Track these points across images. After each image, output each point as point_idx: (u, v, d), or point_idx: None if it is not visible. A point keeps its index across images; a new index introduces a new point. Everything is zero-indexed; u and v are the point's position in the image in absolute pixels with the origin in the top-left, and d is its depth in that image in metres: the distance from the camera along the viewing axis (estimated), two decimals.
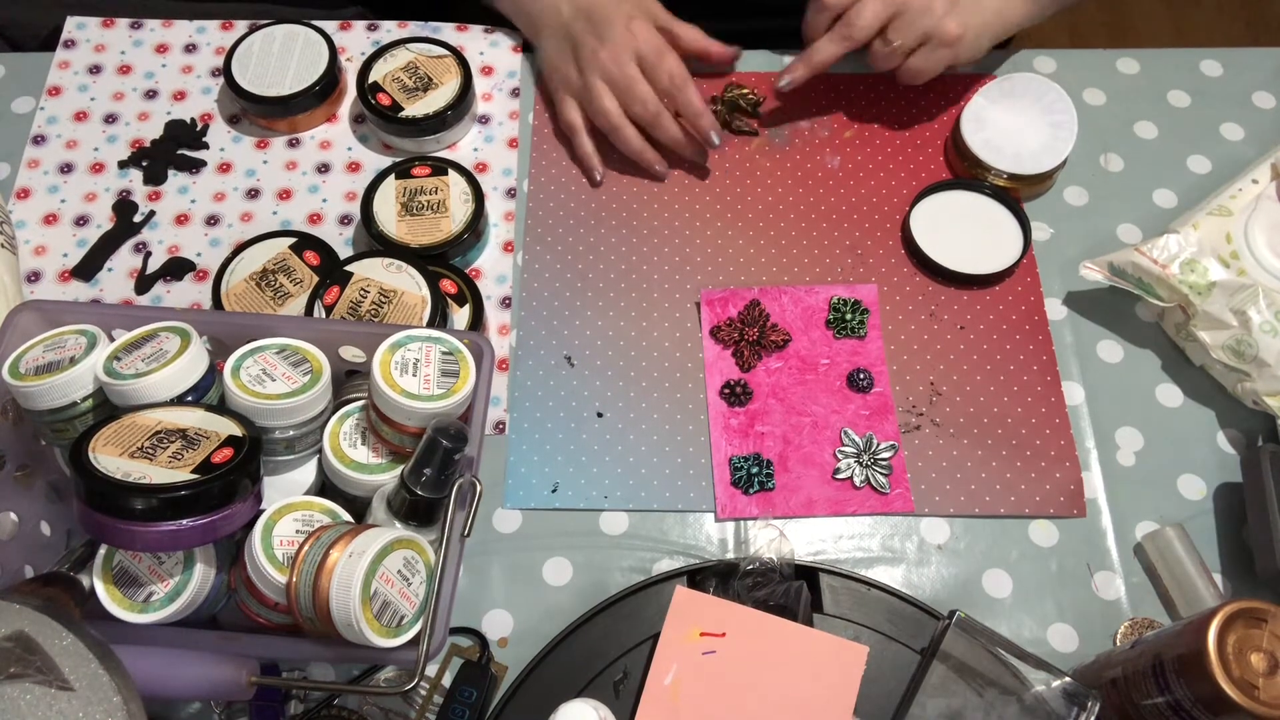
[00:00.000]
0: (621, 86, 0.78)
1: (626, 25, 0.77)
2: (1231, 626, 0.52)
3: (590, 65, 0.78)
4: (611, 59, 0.77)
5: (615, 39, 0.77)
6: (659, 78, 0.77)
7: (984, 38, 0.78)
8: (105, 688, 0.41)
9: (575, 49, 0.79)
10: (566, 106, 0.81)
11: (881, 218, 0.80)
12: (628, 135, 0.79)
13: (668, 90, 0.77)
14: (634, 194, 0.81)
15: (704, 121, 0.78)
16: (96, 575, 0.55)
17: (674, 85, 0.77)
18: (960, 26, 0.75)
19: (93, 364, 0.58)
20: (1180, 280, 0.70)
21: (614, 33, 0.77)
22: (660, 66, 0.77)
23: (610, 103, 0.79)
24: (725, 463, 0.71)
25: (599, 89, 0.78)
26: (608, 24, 0.78)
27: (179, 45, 0.88)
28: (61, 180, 0.81)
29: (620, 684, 0.63)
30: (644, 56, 0.77)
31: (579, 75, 0.79)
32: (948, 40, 0.75)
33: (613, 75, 0.78)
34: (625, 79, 0.78)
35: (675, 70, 0.77)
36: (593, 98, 0.79)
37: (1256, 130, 0.84)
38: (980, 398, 0.73)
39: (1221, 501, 0.70)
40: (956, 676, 0.60)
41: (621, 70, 0.77)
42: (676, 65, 0.77)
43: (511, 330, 0.76)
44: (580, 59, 0.79)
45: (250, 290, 0.73)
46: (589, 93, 0.79)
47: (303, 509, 0.58)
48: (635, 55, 0.77)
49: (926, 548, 0.68)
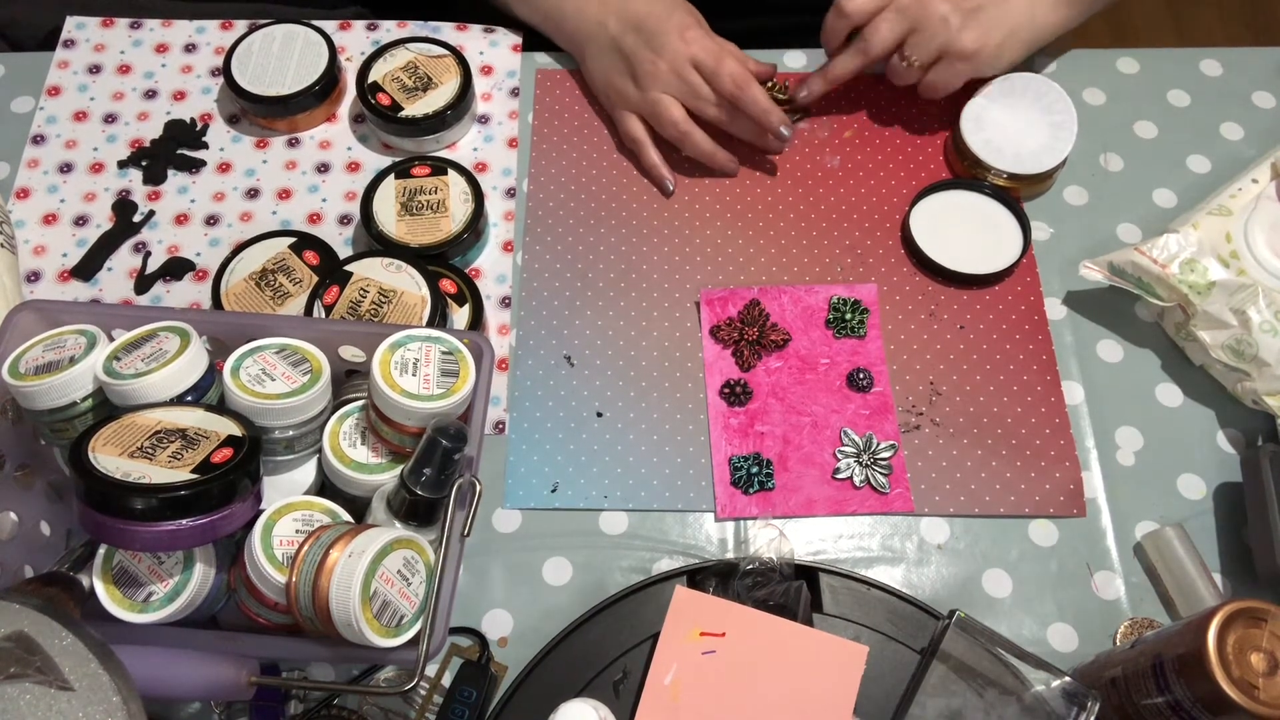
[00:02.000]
0: (687, 95, 0.78)
1: (680, 35, 0.77)
2: (1231, 626, 0.52)
3: (650, 79, 0.78)
4: (672, 71, 0.77)
5: (672, 50, 0.77)
6: (722, 83, 0.77)
7: (1010, 48, 0.78)
8: (105, 688, 0.41)
9: (631, 64, 0.79)
10: (629, 121, 0.81)
11: (881, 218, 0.80)
12: (698, 140, 0.79)
13: (731, 94, 0.77)
14: (634, 194, 0.81)
15: (773, 118, 0.77)
16: (96, 575, 0.55)
17: (737, 87, 0.76)
18: (977, 41, 0.75)
19: (92, 364, 0.58)
20: (1180, 280, 0.70)
21: (669, 44, 0.77)
22: (721, 71, 0.76)
23: (679, 112, 0.78)
24: (725, 462, 0.71)
25: (664, 102, 0.78)
26: (661, 35, 0.77)
27: (179, 45, 0.88)
28: (61, 180, 0.81)
29: (620, 684, 0.63)
30: (702, 63, 0.77)
31: (638, 91, 0.79)
32: (964, 56, 0.76)
33: (675, 86, 0.78)
34: (690, 87, 0.77)
35: (736, 72, 0.77)
36: (659, 111, 0.78)
37: (1256, 130, 0.84)
38: (980, 397, 0.73)
39: (1221, 501, 0.70)
40: (956, 676, 0.60)
41: (684, 80, 0.77)
42: (736, 66, 0.77)
43: (511, 330, 0.76)
44: (638, 73, 0.78)
45: (250, 290, 0.73)
46: (654, 107, 0.79)
47: (303, 509, 0.58)
48: (694, 63, 0.77)
49: (926, 547, 0.68)
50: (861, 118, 0.85)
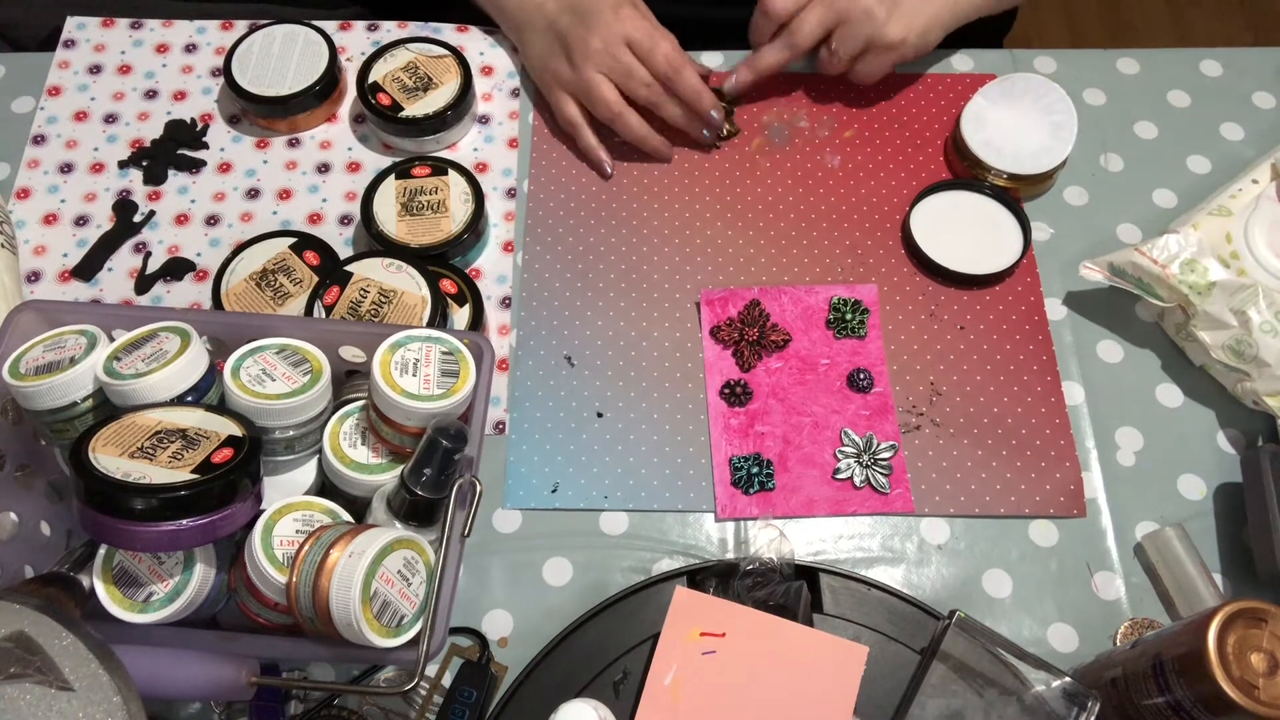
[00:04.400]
0: (619, 74, 0.77)
1: (615, 12, 0.77)
2: (1231, 626, 0.52)
3: (583, 57, 0.78)
4: (604, 48, 0.77)
5: (605, 26, 0.77)
6: (655, 62, 0.77)
7: (932, 32, 0.79)
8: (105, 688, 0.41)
9: (565, 43, 0.79)
10: (564, 103, 0.81)
11: (881, 218, 0.80)
12: (630, 122, 0.79)
13: (664, 74, 0.77)
14: (634, 194, 0.81)
15: (704, 101, 0.78)
16: (96, 575, 0.55)
17: (670, 68, 0.77)
18: (902, 30, 0.76)
19: (93, 364, 0.58)
20: (1180, 280, 0.70)
21: (603, 21, 0.77)
22: (655, 50, 0.77)
23: (610, 92, 0.78)
24: (725, 463, 0.71)
25: (596, 80, 0.78)
26: (595, 14, 0.77)
27: (179, 45, 0.88)
28: (61, 180, 0.81)
29: (620, 684, 0.63)
30: (637, 42, 0.77)
31: (572, 70, 0.79)
32: (891, 46, 0.77)
33: (608, 64, 0.77)
34: (622, 65, 0.77)
35: (670, 53, 0.77)
36: (590, 89, 0.78)
37: (1256, 130, 0.84)
38: (980, 398, 0.73)
39: (1221, 501, 0.70)
40: (956, 676, 0.60)
41: (616, 58, 0.77)
42: (670, 48, 0.77)
43: (511, 330, 0.76)
44: (571, 52, 0.78)
45: (250, 290, 0.73)
46: (586, 85, 0.78)
47: (303, 509, 0.58)
48: (627, 41, 0.77)
49: (926, 548, 0.69)
50: (861, 118, 0.85)
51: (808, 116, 0.85)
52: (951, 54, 0.88)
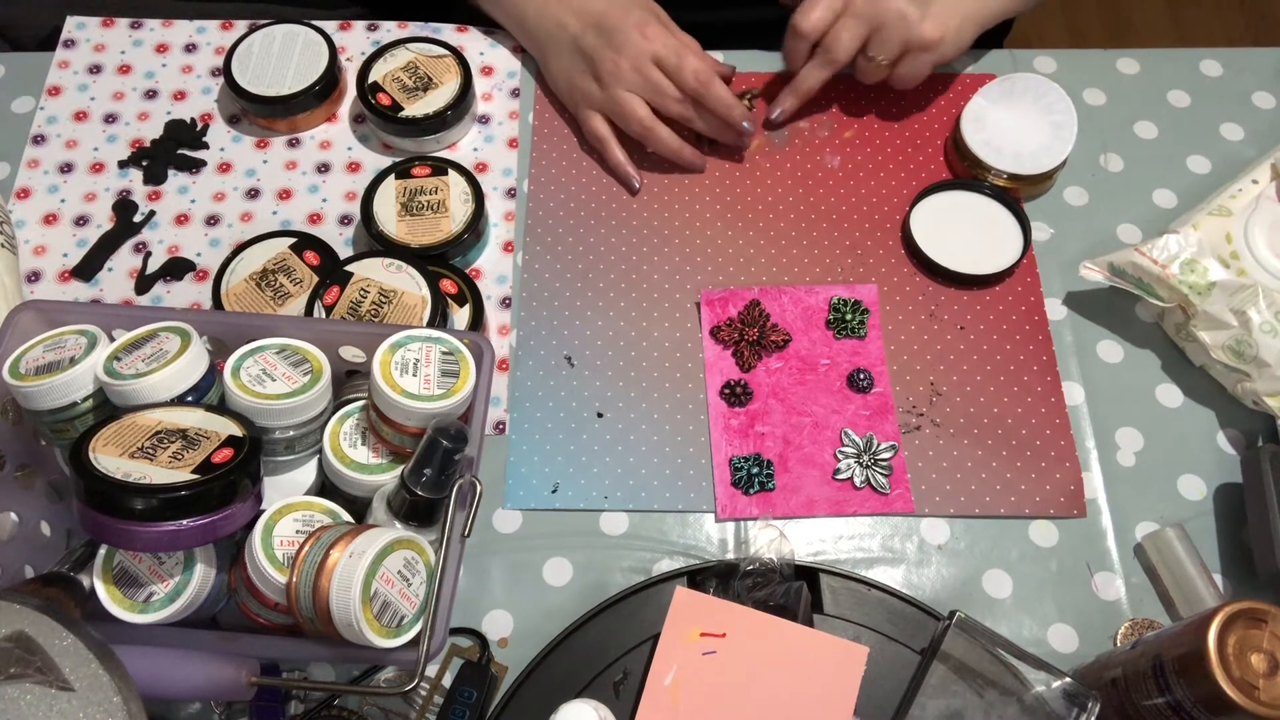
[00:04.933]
0: (649, 91, 0.78)
1: (640, 31, 0.77)
2: (1231, 627, 0.52)
3: (613, 78, 0.78)
4: (633, 68, 0.77)
5: (633, 47, 0.77)
6: (684, 79, 0.77)
7: (967, 29, 0.78)
8: (105, 688, 0.41)
9: (592, 63, 0.79)
10: (592, 119, 0.81)
11: (881, 218, 0.80)
12: (662, 136, 0.79)
13: (694, 90, 0.77)
14: (634, 194, 0.81)
15: (736, 113, 0.78)
16: (96, 575, 0.55)
17: (700, 84, 0.77)
18: (938, 29, 0.76)
19: (93, 364, 0.58)
20: (1180, 280, 0.70)
21: (630, 41, 0.77)
22: (684, 67, 0.77)
23: (642, 108, 0.78)
24: (725, 463, 0.71)
25: (626, 98, 0.78)
26: (621, 33, 0.77)
27: (179, 45, 0.88)
28: (61, 180, 0.81)
29: (620, 684, 0.63)
30: (664, 59, 0.77)
31: (601, 89, 0.79)
32: (927, 45, 0.76)
33: (637, 83, 0.77)
34: (652, 84, 0.77)
35: (699, 68, 0.77)
36: (622, 107, 0.78)
37: (1256, 130, 0.84)
38: (980, 398, 0.73)
39: (1221, 502, 0.70)
40: (956, 677, 0.60)
41: (646, 77, 0.77)
42: (698, 63, 0.77)
43: (511, 330, 0.76)
44: (600, 72, 0.78)
45: (250, 290, 0.73)
46: (617, 104, 0.78)
47: (303, 509, 0.58)
48: (655, 60, 0.77)
49: (926, 548, 0.69)
50: (861, 118, 0.85)
51: (808, 117, 0.85)
52: None
